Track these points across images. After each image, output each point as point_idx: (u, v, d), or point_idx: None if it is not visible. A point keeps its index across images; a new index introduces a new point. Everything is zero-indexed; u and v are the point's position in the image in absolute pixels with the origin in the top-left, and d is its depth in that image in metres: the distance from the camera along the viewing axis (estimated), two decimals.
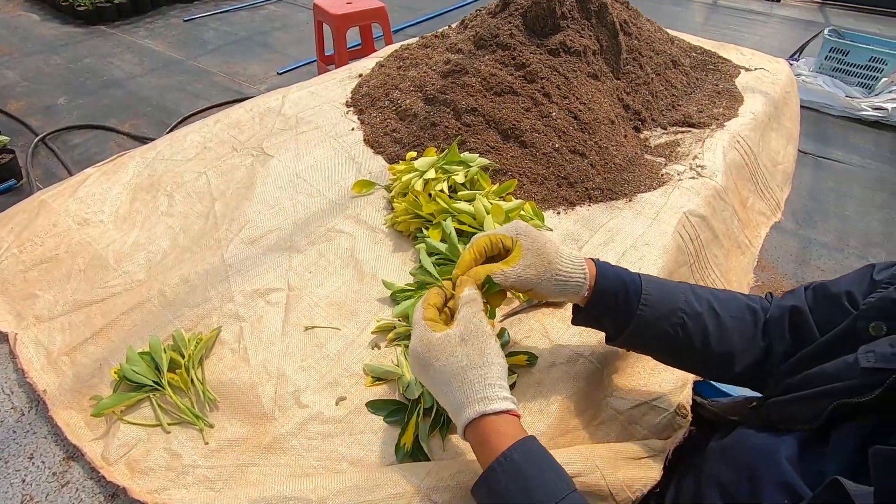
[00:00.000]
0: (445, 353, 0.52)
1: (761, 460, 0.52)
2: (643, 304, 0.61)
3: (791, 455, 0.50)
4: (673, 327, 0.62)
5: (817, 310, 0.61)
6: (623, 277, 0.63)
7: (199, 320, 0.76)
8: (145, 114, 3.02)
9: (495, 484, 0.48)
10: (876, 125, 3.12)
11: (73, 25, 4.16)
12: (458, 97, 1.09)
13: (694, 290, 0.65)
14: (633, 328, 0.62)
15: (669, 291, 0.64)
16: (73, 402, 0.66)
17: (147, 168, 1.05)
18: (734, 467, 0.55)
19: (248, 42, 4.02)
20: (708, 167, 1.08)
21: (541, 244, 0.61)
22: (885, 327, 0.51)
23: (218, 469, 0.60)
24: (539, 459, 0.49)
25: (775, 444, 0.52)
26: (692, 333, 0.62)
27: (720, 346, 0.62)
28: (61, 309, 0.77)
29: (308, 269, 0.85)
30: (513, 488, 0.47)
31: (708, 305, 0.64)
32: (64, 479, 0.59)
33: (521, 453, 0.48)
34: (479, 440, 0.50)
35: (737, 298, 0.66)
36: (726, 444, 0.59)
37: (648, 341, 0.64)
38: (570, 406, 0.67)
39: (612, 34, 1.21)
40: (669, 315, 0.62)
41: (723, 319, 0.63)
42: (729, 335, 0.63)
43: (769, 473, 0.50)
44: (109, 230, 0.91)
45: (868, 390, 0.47)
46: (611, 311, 0.63)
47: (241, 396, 0.67)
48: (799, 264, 2.16)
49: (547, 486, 0.47)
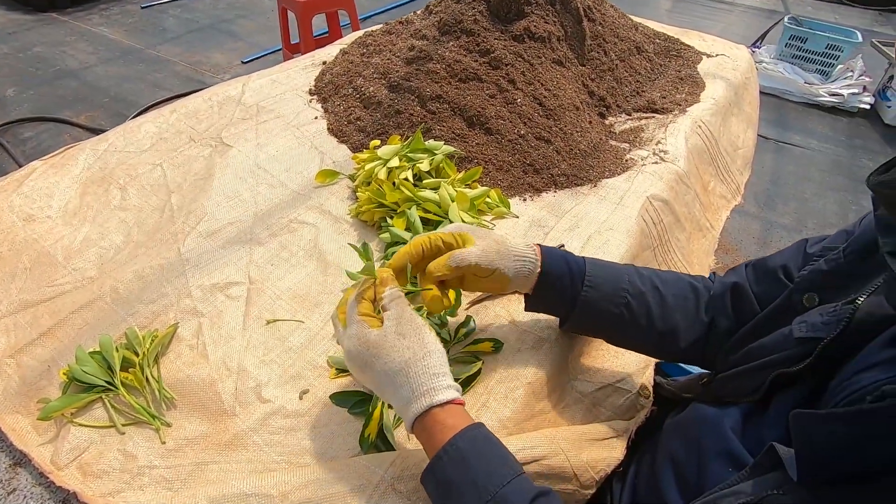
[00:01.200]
0: (386, 349, 0.51)
1: (707, 432, 0.54)
2: (587, 286, 0.63)
3: (735, 425, 0.52)
4: (617, 307, 0.63)
5: (756, 285, 0.63)
6: (567, 260, 0.64)
7: (154, 317, 0.73)
8: (102, 105, 2.89)
9: (441, 473, 0.48)
10: (833, 111, 3.23)
11: (22, 12, 3.94)
12: (422, 84, 1.07)
13: (638, 271, 0.67)
14: (578, 310, 0.63)
15: (613, 273, 0.65)
16: (19, 407, 0.63)
17: (98, 160, 1.00)
18: (684, 441, 0.57)
19: (210, 30, 3.88)
20: (671, 152, 1.09)
21: (486, 232, 0.62)
22: (818, 298, 0.53)
23: (176, 469, 0.58)
24: (483, 446, 0.49)
25: (720, 415, 0.54)
26: (636, 312, 0.63)
27: (664, 323, 0.64)
28: (5, 309, 0.73)
29: (270, 261, 0.83)
30: (457, 476, 0.47)
31: (651, 285, 0.65)
32: (10, 487, 0.56)
33: (466, 440, 0.48)
34: (426, 432, 0.50)
35: (680, 278, 0.68)
36: (679, 420, 0.61)
37: (595, 322, 0.65)
38: (535, 390, 0.67)
39: (576, 20, 1.21)
40: (613, 295, 0.63)
41: (665, 297, 0.65)
42: (672, 312, 0.64)
43: (714, 444, 0.52)
44: (58, 226, 0.86)
45: (801, 359, 0.49)
46: (558, 293, 0.64)
47: (200, 393, 0.65)
48: (761, 246, 2.23)
49: (492, 472, 0.47)
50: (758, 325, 0.58)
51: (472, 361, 0.68)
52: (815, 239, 0.62)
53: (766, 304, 0.59)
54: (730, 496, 0.44)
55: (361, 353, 0.52)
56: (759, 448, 0.46)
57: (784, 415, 0.48)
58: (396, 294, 0.55)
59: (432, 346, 0.52)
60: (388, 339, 0.52)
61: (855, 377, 0.44)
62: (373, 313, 0.55)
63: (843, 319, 0.48)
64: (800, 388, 0.50)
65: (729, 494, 0.44)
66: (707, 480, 0.50)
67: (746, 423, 0.53)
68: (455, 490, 0.47)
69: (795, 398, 0.50)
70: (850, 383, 0.44)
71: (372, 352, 0.52)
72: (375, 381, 0.53)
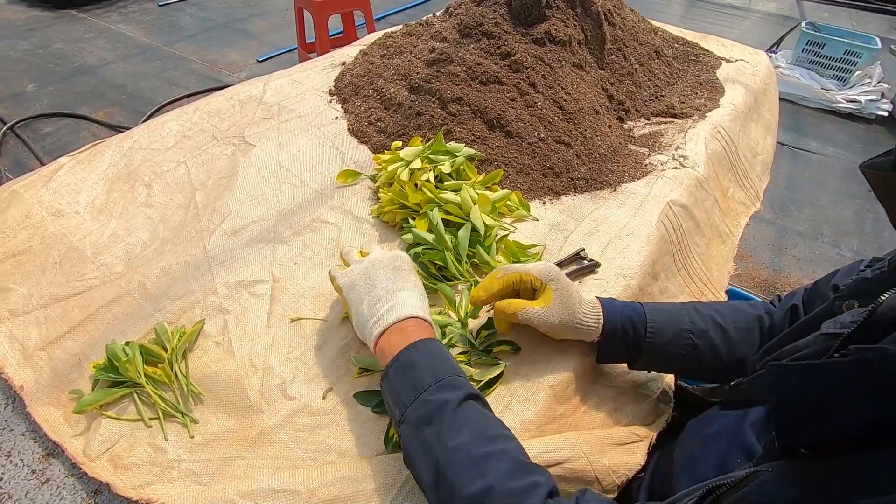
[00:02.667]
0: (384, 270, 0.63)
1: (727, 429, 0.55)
2: (650, 332, 0.65)
3: (755, 420, 0.53)
4: (683, 348, 0.66)
5: (811, 305, 0.64)
6: (628, 312, 0.66)
7: (181, 313, 0.74)
8: (119, 102, 2.93)
9: (406, 358, 0.55)
10: (849, 117, 3.20)
11: (42, 9, 4.00)
12: (443, 86, 1.08)
13: (696, 309, 0.69)
14: (645, 355, 0.66)
15: (673, 315, 0.67)
16: (51, 398, 0.64)
17: (124, 157, 1.02)
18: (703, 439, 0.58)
19: (226, 28, 3.92)
20: (690, 157, 1.09)
21: (569, 293, 0.65)
22: (857, 304, 0.54)
23: (204, 463, 0.59)
24: (432, 350, 0.56)
25: (743, 413, 0.55)
26: (702, 350, 0.66)
27: (730, 356, 0.67)
28: (36, 303, 0.75)
29: (293, 260, 0.84)
30: (420, 361, 0.54)
31: (712, 321, 0.67)
32: (44, 477, 0.58)
33: (435, 343, 0.57)
34: (389, 341, 0.58)
35: (740, 310, 0.70)
36: (700, 419, 0.62)
37: (663, 364, 0.68)
38: (557, 394, 0.68)
39: (596, 24, 1.21)
40: (677, 338, 0.66)
41: (728, 332, 0.67)
42: (736, 345, 0.67)
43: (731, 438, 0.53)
44: (86, 221, 0.88)
45: (825, 353, 0.49)
46: (622, 344, 0.66)
47: (227, 390, 0.66)
48: (776, 253, 2.21)
49: (452, 367, 0.54)
50: (796, 330, 0.59)
51: (494, 364, 0.68)
52: (869, 261, 0.63)
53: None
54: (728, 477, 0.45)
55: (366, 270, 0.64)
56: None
57: None
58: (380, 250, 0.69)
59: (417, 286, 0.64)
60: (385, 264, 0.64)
61: None
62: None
63: (866, 313, 0.49)
64: None
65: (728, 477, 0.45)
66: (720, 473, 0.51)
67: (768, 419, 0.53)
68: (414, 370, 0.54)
69: None
70: None
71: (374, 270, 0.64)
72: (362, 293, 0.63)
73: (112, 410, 0.63)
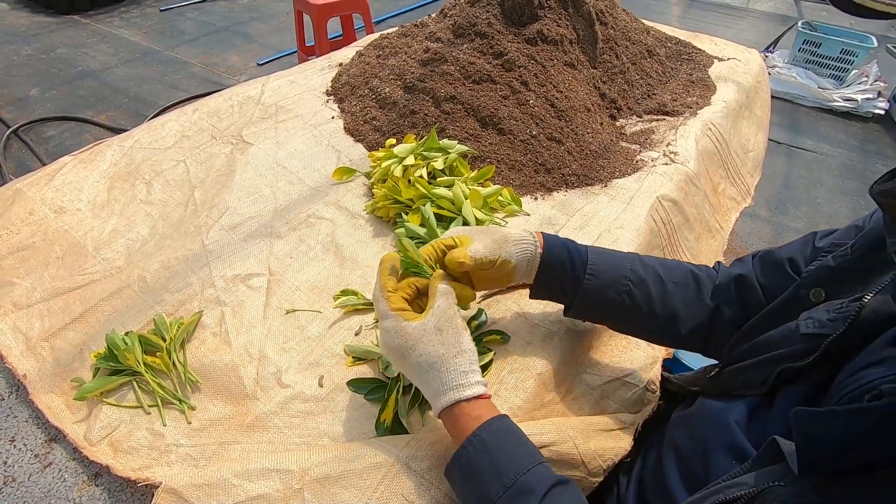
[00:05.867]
0: (423, 342, 0.54)
1: (712, 425, 0.55)
2: (589, 274, 0.64)
3: (740, 418, 0.53)
4: (619, 294, 0.65)
5: (763, 276, 0.64)
6: (569, 248, 0.66)
7: (179, 305, 0.76)
8: (121, 105, 2.96)
9: (466, 461, 0.51)
10: (846, 115, 3.21)
11: (45, 15, 4.04)
12: (437, 85, 1.10)
13: (641, 259, 0.68)
14: (580, 297, 0.65)
15: (616, 261, 0.67)
16: (53, 387, 0.66)
17: (124, 157, 1.04)
18: (690, 434, 0.58)
19: (226, 32, 3.95)
20: (681, 154, 1.11)
21: (482, 228, 0.65)
22: (824, 293, 0.54)
23: (201, 447, 0.61)
24: (507, 436, 0.52)
25: (726, 409, 0.55)
26: (637, 299, 0.65)
27: (664, 309, 0.66)
28: (39, 296, 0.77)
29: (289, 254, 0.86)
30: (480, 463, 0.49)
31: (652, 272, 0.67)
32: (46, 461, 0.60)
33: (490, 432, 0.51)
34: (453, 423, 0.53)
35: (681, 265, 0.70)
36: (685, 414, 0.62)
37: (597, 309, 0.67)
38: (545, 381, 0.70)
39: (588, 24, 1.23)
40: (615, 283, 0.65)
41: (666, 284, 0.66)
42: (672, 298, 0.66)
43: (718, 436, 0.53)
44: (87, 218, 0.90)
45: (807, 355, 0.50)
46: (560, 280, 0.66)
47: (223, 378, 0.68)
48: None
49: (513, 460, 0.49)
50: (764, 319, 0.59)
51: (483, 352, 0.70)
52: (824, 232, 0.63)
53: (771, 295, 0.60)
54: (732, 487, 0.45)
55: (399, 346, 0.55)
56: (763, 441, 0.46)
57: (788, 409, 0.48)
58: (449, 290, 0.58)
59: (466, 345, 0.55)
60: (427, 333, 0.54)
61: (857, 374, 0.45)
62: (406, 306, 0.58)
63: (849, 317, 0.48)
64: (805, 384, 0.51)
65: (731, 486, 0.45)
66: (711, 472, 0.51)
67: (752, 417, 0.54)
68: (478, 476, 0.49)
69: (800, 393, 0.51)
70: (853, 380, 0.44)
71: (410, 343, 0.54)
72: (410, 371, 0.56)
73: (112, 398, 0.65)
